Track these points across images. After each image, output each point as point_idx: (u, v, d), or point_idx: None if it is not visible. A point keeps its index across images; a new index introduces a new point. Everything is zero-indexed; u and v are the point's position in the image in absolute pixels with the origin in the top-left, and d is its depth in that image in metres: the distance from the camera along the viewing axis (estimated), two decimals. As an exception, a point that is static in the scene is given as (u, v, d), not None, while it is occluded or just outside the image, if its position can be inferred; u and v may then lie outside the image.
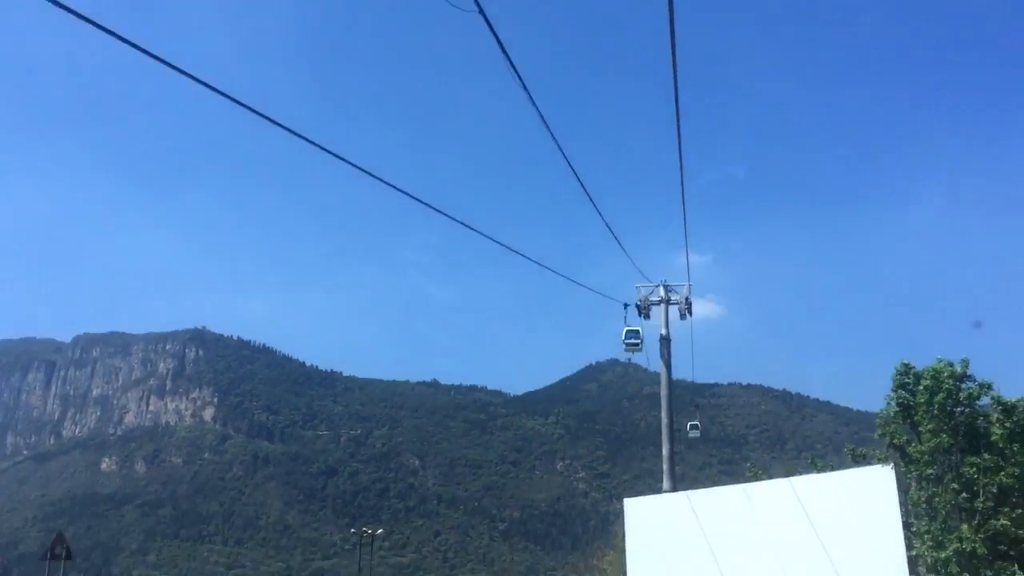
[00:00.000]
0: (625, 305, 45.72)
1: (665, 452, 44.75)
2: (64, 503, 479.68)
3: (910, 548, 28.20)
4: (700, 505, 38.89)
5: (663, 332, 46.29)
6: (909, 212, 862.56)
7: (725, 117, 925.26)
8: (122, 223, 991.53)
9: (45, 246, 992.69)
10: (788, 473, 43.01)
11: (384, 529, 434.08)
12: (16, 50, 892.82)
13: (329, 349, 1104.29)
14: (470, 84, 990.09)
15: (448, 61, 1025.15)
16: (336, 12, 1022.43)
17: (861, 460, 33.49)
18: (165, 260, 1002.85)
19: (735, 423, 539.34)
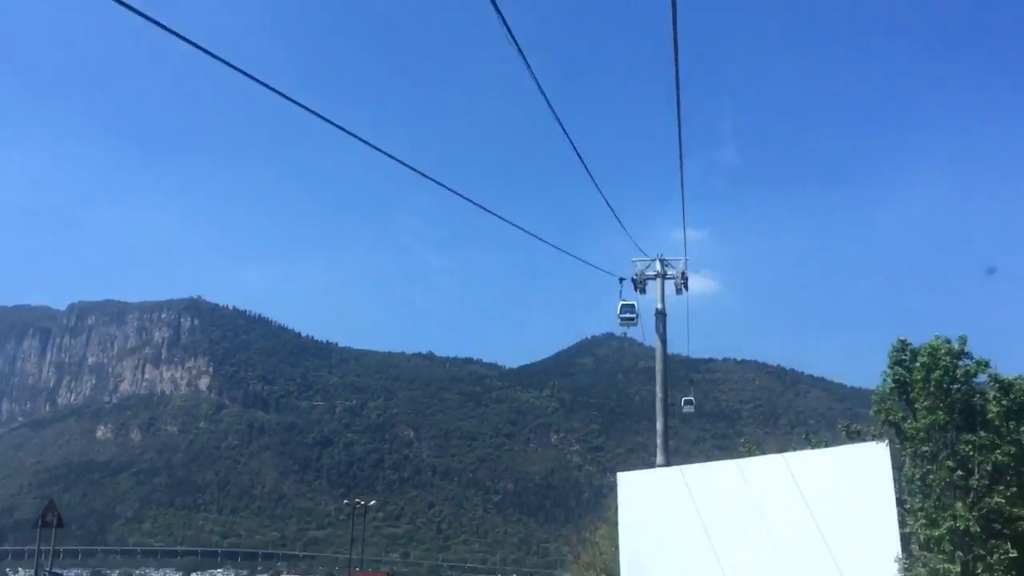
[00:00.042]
0: (621, 279, 45.40)
1: (659, 426, 44.66)
2: (59, 470, 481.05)
3: (903, 525, 28.12)
4: (693, 480, 38.87)
5: (659, 306, 46.04)
6: (906, 188, 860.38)
7: (724, 94, 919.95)
8: (117, 190, 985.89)
9: (40, 212, 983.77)
10: (782, 449, 42.92)
11: (378, 500, 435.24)
12: (9, 14, 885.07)
13: (325, 320, 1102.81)
14: (469, 55, 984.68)
15: (446, 30, 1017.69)
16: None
17: (855, 437, 33.29)
18: (160, 228, 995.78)
19: (729, 398, 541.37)
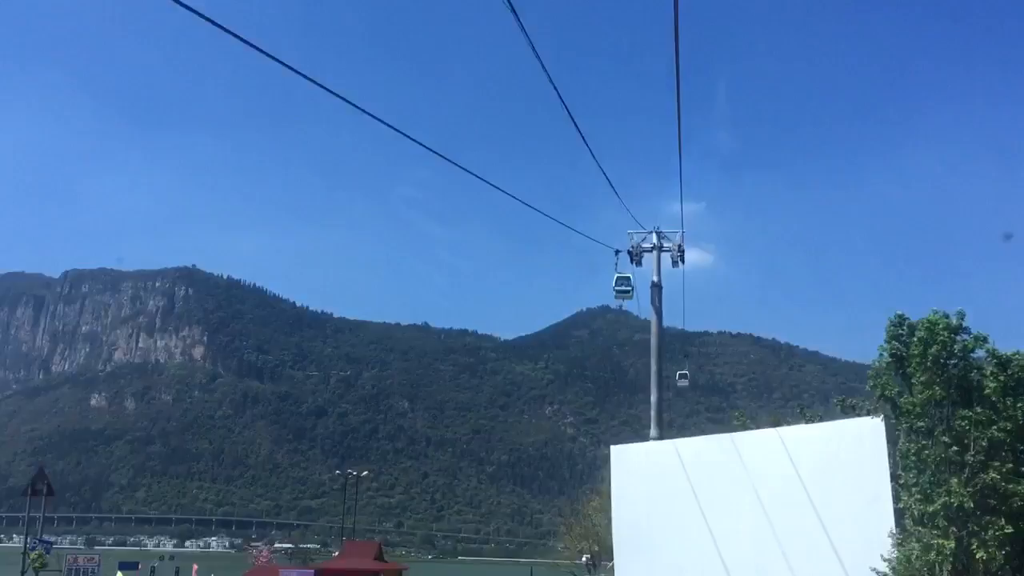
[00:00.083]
0: (616, 251, 45.07)
1: (653, 399, 44.51)
2: (54, 438, 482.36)
3: (897, 500, 27.99)
4: (686, 453, 38.72)
5: (655, 279, 45.73)
6: (904, 164, 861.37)
7: (722, 70, 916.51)
8: (113, 158, 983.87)
9: (34, 180, 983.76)
10: (776, 422, 42.78)
11: (372, 470, 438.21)
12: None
13: (320, 290, 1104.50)
14: (470, 29, 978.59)
15: (446, 3, 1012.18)
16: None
17: (850, 411, 33.14)
18: (155, 197, 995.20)
19: (724, 371, 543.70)
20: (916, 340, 26.47)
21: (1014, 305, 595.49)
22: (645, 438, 44.42)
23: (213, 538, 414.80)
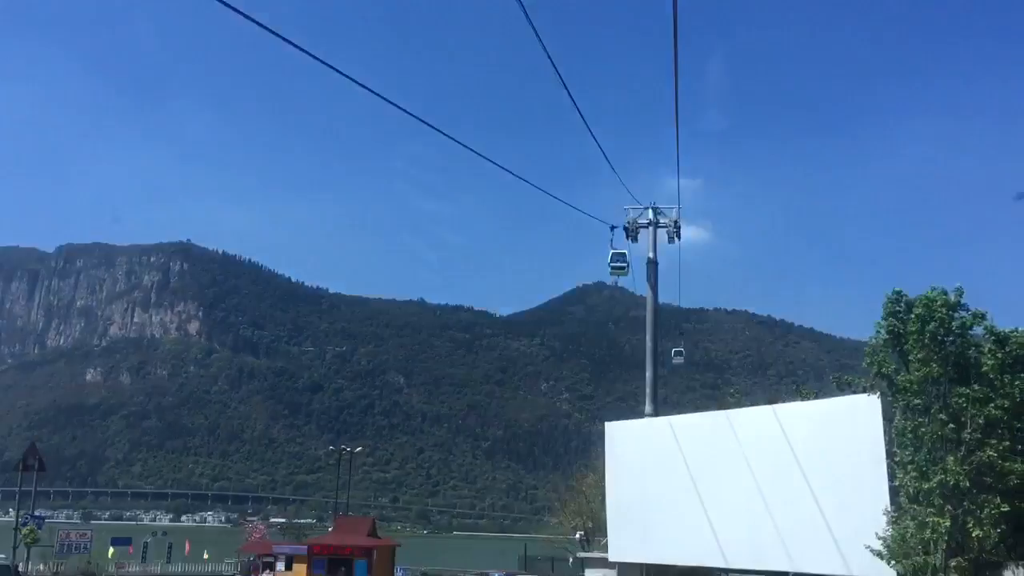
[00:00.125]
0: (612, 227, 44.71)
1: (648, 376, 44.35)
2: (49, 412, 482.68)
3: (893, 478, 27.86)
4: (681, 430, 38.60)
5: (650, 255, 45.46)
6: (902, 139, 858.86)
7: (720, 44, 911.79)
8: (107, 132, 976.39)
9: (28, 154, 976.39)
10: (772, 399, 42.63)
11: (368, 445, 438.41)
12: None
13: (316, 266, 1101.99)
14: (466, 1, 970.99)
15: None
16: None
17: (846, 388, 33.01)
18: (150, 171, 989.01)
19: (719, 348, 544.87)
20: (914, 317, 26.23)
21: (1013, 282, 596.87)
22: (640, 414, 44.33)
23: (209, 513, 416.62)
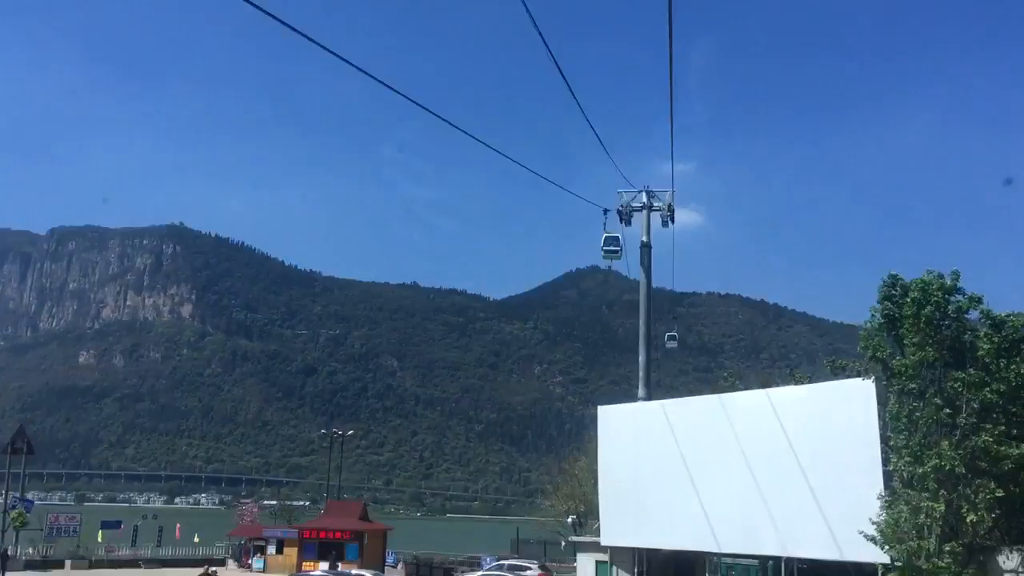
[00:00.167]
0: (605, 211, 44.53)
1: (642, 360, 44.24)
2: (42, 395, 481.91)
3: (887, 463, 27.71)
4: (674, 414, 38.48)
5: (644, 239, 45.26)
6: (896, 123, 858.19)
7: (714, 26, 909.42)
8: (98, 114, 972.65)
9: (19, 136, 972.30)
10: (765, 383, 42.54)
11: (361, 428, 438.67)
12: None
13: (309, 249, 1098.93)
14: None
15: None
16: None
17: (840, 372, 32.86)
18: (141, 153, 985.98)
19: (712, 332, 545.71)
20: (909, 301, 26.07)
21: (1007, 266, 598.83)
22: (634, 398, 44.26)
23: (203, 495, 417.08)
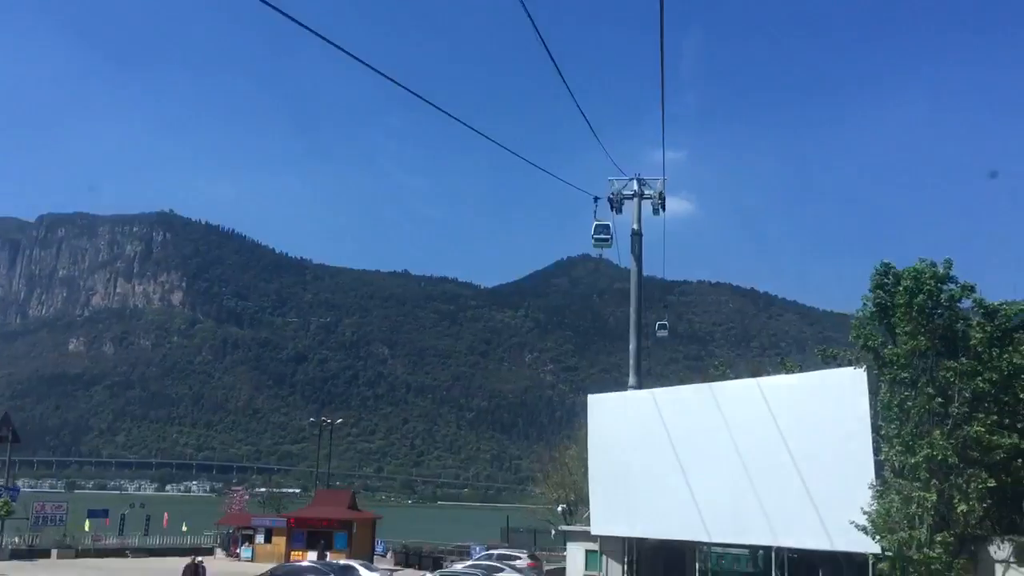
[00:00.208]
0: (596, 198, 44.16)
1: (632, 348, 44.02)
2: (32, 382, 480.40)
3: (878, 452, 27.56)
4: (665, 403, 38.25)
5: (635, 227, 44.99)
6: (887, 113, 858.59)
7: (705, 15, 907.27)
8: (87, 100, 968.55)
9: (8, 122, 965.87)
10: (756, 372, 42.40)
11: (353, 416, 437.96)
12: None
13: (299, 236, 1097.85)
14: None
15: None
16: None
17: (831, 361, 32.70)
18: (131, 139, 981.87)
19: (703, 320, 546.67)
20: (902, 289, 25.88)
21: (1002, 254, 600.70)
22: (624, 386, 44.07)
23: (194, 482, 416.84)
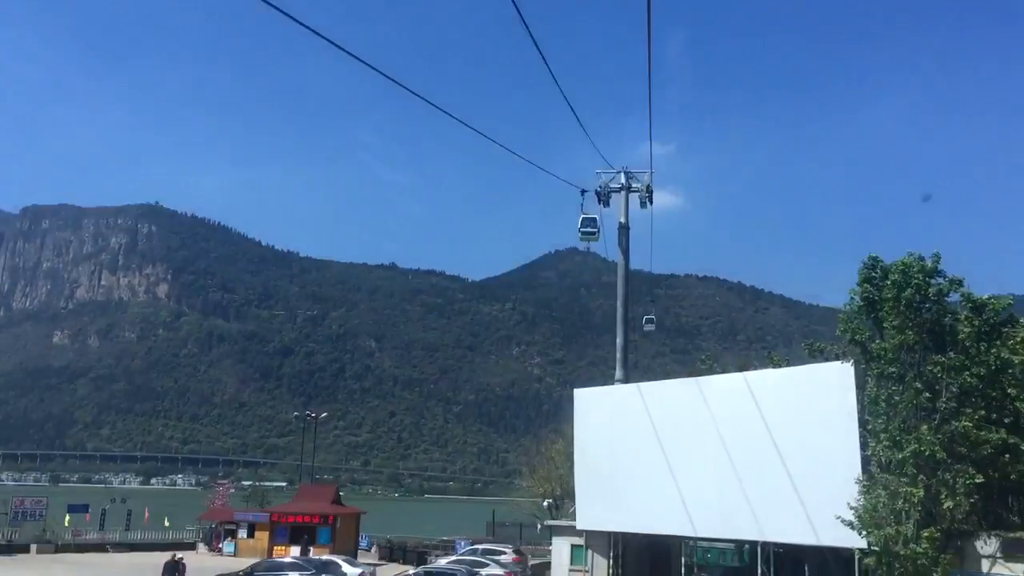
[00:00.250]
0: (583, 191, 43.95)
1: (619, 341, 43.88)
2: (16, 375, 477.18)
3: (865, 447, 27.41)
4: (651, 397, 38.06)
5: (622, 220, 44.85)
6: (873, 109, 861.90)
7: (693, 10, 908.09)
8: (72, 91, 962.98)
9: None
10: (741, 365, 42.31)
11: (339, 409, 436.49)
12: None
13: (286, 229, 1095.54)
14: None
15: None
16: None
17: (818, 355, 32.57)
18: (116, 131, 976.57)
19: (690, 313, 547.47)
20: (890, 283, 25.71)
21: (989, 248, 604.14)
22: (611, 379, 43.95)
23: (179, 476, 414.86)
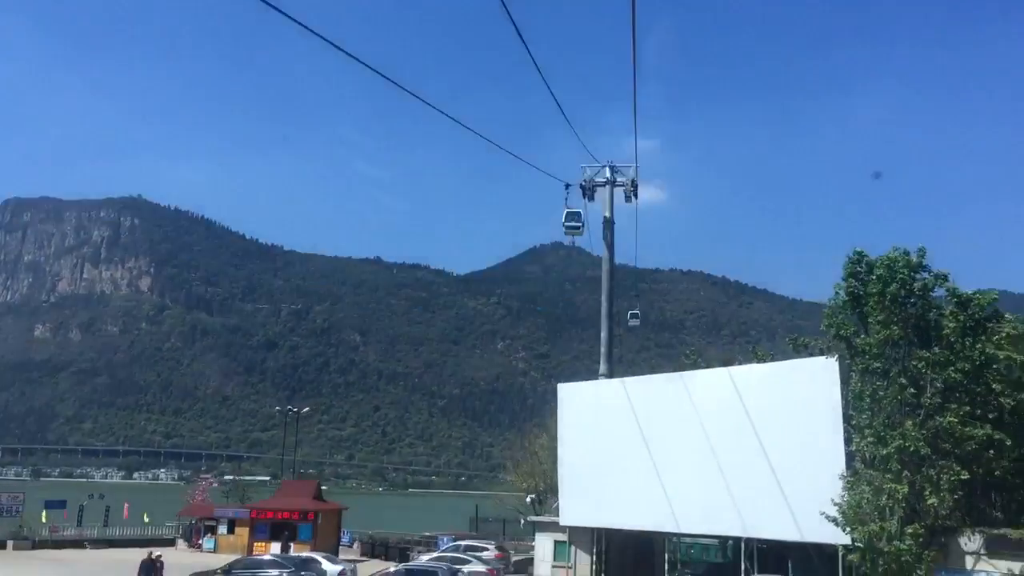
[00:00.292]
0: (567, 185, 43.69)
1: (603, 336, 43.70)
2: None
3: (849, 443, 27.29)
4: (635, 392, 37.89)
5: (607, 214, 44.63)
6: (856, 104, 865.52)
7: (678, 4, 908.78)
8: (53, 82, 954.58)
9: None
10: (725, 360, 42.15)
11: (323, 403, 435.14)
12: None
13: (270, 222, 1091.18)
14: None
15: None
16: None
17: (803, 350, 32.49)
18: (98, 123, 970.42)
19: (674, 308, 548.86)
20: (875, 278, 25.57)
21: (974, 243, 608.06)
22: (596, 373, 43.76)
23: (162, 470, 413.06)
